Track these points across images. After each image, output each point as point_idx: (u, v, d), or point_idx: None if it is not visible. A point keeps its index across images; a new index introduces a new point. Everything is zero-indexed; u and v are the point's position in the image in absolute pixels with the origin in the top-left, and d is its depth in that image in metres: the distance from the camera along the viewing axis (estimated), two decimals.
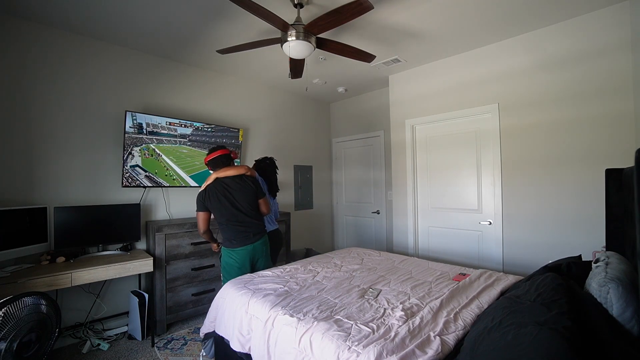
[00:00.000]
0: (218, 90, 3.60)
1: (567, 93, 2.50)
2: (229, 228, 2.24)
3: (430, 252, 3.42)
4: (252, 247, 2.27)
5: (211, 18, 2.41)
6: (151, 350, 2.41)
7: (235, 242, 2.24)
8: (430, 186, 3.44)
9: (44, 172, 2.49)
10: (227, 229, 2.25)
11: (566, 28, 2.50)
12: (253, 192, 2.30)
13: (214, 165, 2.32)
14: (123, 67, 2.90)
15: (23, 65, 2.41)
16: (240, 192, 2.26)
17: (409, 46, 2.96)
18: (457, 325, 1.41)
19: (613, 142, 2.30)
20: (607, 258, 1.28)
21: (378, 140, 4.31)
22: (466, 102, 3.09)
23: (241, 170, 2.33)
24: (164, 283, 2.69)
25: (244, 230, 2.25)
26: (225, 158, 2.32)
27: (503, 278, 2.01)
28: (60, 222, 2.42)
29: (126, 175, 2.77)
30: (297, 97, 4.50)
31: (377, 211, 4.30)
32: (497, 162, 2.89)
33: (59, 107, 2.57)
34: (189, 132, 3.19)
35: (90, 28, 2.56)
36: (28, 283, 1.99)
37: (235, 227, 2.24)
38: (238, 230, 2.24)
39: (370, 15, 2.27)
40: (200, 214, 2.23)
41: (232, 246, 2.25)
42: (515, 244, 2.79)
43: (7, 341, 1.56)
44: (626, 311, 1.05)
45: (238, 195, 2.25)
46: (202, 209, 2.23)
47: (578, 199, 2.45)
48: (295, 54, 2.19)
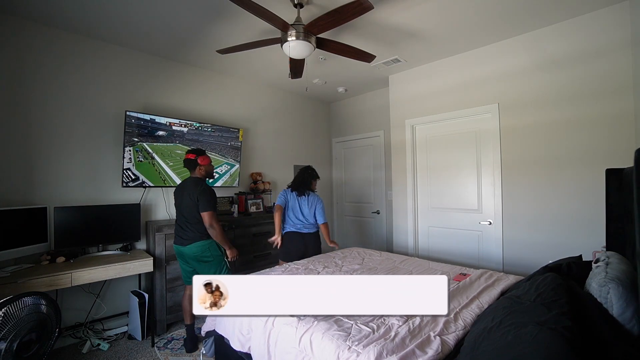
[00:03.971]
0: (218, 90, 3.60)
1: (567, 93, 2.50)
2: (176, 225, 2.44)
3: (430, 252, 3.42)
4: (180, 249, 2.37)
5: (211, 18, 2.41)
6: (151, 350, 2.41)
7: (174, 238, 2.43)
8: (430, 186, 3.44)
9: (44, 172, 2.49)
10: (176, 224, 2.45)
11: (566, 28, 2.50)
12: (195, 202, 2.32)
13: (184, 166, 2.49)
14: (123, 67, 2.90)
15: (23, 65, 2.41)
16: (187, 197, 2.34)
17: (409, 46, 2.96)
18: (457, 325, 1.41)
19: (613, 142, 2.30)
20: (607, 258, 1.28)
21: (378, 140, 4.31)
22: (466, 102, 3.09)
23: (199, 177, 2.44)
24: (164, 283, 2.69)
25: (179, 231, 2.39)
26: (188, 162, 2.42)
27: (503, 278, 2.01)
28: (60, 222, 2.42)
29: (126, 175, 2.77)
30: (297, 97, 4.50)
31: (377, 211, 4.30)
32: (497, 162, 2.89)
33: (59, 107, 2.57)
34: (186, 131, 3.18)
35: (90, 28, 2.56)
36: (28, 283, 1.98)
37: (176, 226, 2.42)
38: (176, 230, 2.42)
39: (370, 15, 2.27)
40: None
41: (174, 241, 2.44)
42: (515, 244, 2.79)
43: (7, 341, 1.55)
44: (626, 311, 1.05)
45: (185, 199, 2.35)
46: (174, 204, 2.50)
47: (578, 199, 2.45)
48: (295, 54, 2.19)
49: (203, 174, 2.43)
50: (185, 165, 2.44)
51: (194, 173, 2.42)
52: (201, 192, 2.29)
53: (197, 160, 2.38)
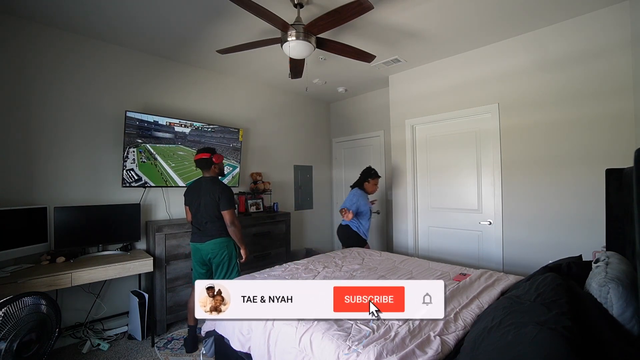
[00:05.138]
0: (218, 90, 3.60)
1: (567, 93, 2.50)
2: (193, 223, 2.44)
3: (430, 252, 3.42)
4: (198, 246, 2.39)
5: (211, 18, 2.41)
6: (151, 350, 2.41)
7: (193, 236, 2.44)
8: (430, 186, 3.44)
9: (44, 172, 2.49)
10: (193, 224, 2.45)
11: (566, 28, 2.50)
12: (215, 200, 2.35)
13: (200, 167, 2.46)
14: (123, 67, 2.90)
15: (23, 64, 2.41)
16: (206, 196, 2.35)
17: (409, 46, 2.96)
18: (457, 325, 1.41)
19: (613, 142, 2.30)
20: (607, 258, 1.28)
21: (378, 140, 4.31)
22: (466, 102, 3.09)
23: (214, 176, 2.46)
24: (164, 283, 2.69)
25: (197, 230, 2.40)
26: (202, 162, 2.40)
27: (503, 278, 2.02)
28: (60, 222, 2.42)
29: (129, 175, 2.77)
30: (297, 97, 4.50)
31: (377, 211, 4.30)
32: (497, 162, 2.89)
33: (59, 107, 2.57)
34: (188, 132, 3.19)
35: (90, 28, 2.56)
36: (28, 283, 1.98)
37: (193, 227, 2.43)
38: (194, 229, 2.42)
39: (370, 15, 2.27)
40: (185, 207, 2.52)
41: (191, 239, 2.46)
42: (516, 244, 2.78)
43: (7, 341, 1.55)
44: (626, 311, 1.05)
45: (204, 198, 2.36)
46: (185, 203, 2.50)
47: (578, 199, 2.45)
48: (295, 54, 2.19)
49: (217, 172, 2.45)
50: (198, 165, 2.43)
51: (208, 172, 2.42)
52: (222, 190, 2.34)
53: (212, 158, 2.39)
